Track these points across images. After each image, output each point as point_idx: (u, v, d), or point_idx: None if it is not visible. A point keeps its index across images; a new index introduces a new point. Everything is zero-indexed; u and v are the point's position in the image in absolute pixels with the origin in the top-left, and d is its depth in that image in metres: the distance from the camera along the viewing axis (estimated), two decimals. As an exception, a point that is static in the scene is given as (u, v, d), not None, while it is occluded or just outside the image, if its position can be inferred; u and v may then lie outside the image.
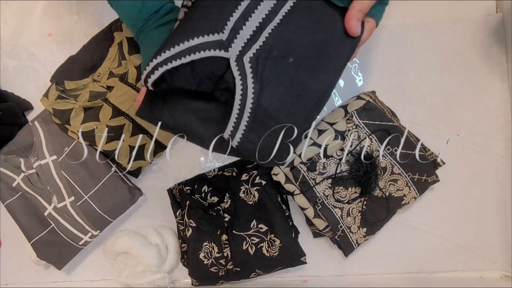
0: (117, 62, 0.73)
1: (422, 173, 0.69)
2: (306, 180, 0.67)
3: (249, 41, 0.45)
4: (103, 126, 0.70)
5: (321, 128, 0.71)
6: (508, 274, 0.74)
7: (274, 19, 0.46)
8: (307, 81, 0.47)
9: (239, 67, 0.45)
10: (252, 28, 0.45)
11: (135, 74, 0.72)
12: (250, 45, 0.45)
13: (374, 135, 0.69)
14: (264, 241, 0.69)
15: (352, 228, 0.68)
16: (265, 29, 0.46)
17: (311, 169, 0.68)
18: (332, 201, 0.68)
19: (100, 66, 0.73)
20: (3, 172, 0.72)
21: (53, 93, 0.70)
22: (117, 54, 0.73)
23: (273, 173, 0.70)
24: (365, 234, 0.69)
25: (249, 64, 0.45)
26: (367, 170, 0.67)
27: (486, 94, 0.76)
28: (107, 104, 0.71)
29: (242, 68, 0.45)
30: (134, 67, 0.72)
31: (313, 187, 0.67)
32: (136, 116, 0.51)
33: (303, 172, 0.67)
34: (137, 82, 0.72)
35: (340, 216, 0.68)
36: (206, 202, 0.69)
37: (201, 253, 0.70)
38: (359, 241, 0.69)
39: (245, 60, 0.45)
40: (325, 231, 0.70)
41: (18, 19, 0.81)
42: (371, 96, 0.72)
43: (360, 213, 0.69)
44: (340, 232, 0.68)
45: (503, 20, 0.76)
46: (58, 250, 0.72)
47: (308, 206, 0.69)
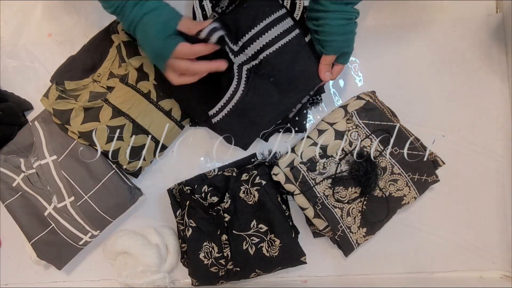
0: (118, 63, 0.73)
1: (422, 173, 0.69)
2: (306, 180, 0.67)
3: (249, 58, 0.64)
4: (103, 127, 0.70)
5: (321, 128, 0.71)
6: (508, 274, 0.74)
7: (271, 47, 0.63)
8: (278, 96, 0.65)
9: (238, 72, 0.63)
10: (254, 50, 0.63)
11: (136, 75, 0.72)
12: (250, 61, 0.64)
13: (374, 135, 0.69)
14: (264, 241, 0.70)
15: (352, 228, 0.68)
16: (262, 53, 0.63)
17: (311, 169, 0.68)
18: (332, 201, 0.68)
19: (100, 67, 0.73)
20: (3, 172, 0.72)
21: (53, 93, 0.70)
22: (117, 56, 0.73)
23: (273, 173, 0.70)
24: (365, 234, 0.69)
25: (245, 72, 0.64)
26: (367, 170, 0.67)
27: (486, 94, 0.76)
28: (107, 104, 0.71)
29: (240, 73, 0.63)
30: (134, 69, 0.72)
31: (313, 187, 0.67)
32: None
33: (303, 172, 0.67)
34: (137, 83, 0.72)
35: (340, 216, 0.68)
36: (206, 202, 0.69)
37: (201, 253, 0.70)
38: (359, 241, 0.69)
39: (243, 69, 0.64)
40: (325, 231, 0.70)
41: (18, 19, 0.81)
42: (371, 96, 0.72)
43: (360, 213, 0.69)
44: (340, 232, 0.68)
45: (503, 20, 0.76)
46: (58, 250, 0.72)
47: (308, 206, 0.69)
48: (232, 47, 0.63)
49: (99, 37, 0.74)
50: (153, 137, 0.72)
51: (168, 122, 0.73)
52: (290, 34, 0.64)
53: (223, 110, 0.64)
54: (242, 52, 0.64)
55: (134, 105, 0.71)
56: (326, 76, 0.66)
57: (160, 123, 0.72)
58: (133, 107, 0.71)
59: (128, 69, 0.72)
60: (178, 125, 0.74)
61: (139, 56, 0.72)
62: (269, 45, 0.63)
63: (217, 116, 0.64)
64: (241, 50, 0.64)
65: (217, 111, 0.64)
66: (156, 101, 0.72)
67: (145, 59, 0.72)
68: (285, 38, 0.64)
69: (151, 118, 0.72)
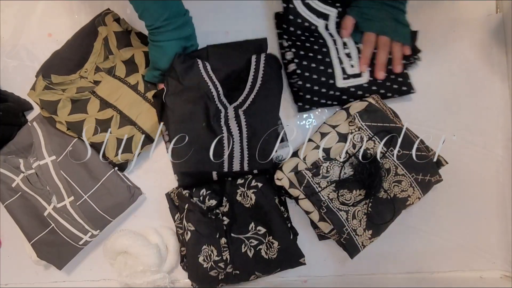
0: (103, 56, 0.73)
1: (426, 173, 0.69)
2: (311, 184, 0.67)
3: (238, 104, 0.72)
4: (92, 119, 0.70)
5: (324, 131, 0.71)
6: (508, 274, 0.74)
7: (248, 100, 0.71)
8: (258, 125, 0.70)
9: (236, 114, 0.71)
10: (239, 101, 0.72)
11: (124, 67, 0.72)
12: (239, 107, 0.71)
13: (377, 137, 0.69)
14: (262, 243, 0.69)
15: (357, 230, 0.68)
16: (245, 103, 0.71)
17: (315, 173, 0.67)
18: (337, 204, 0.68)
19: (87, 62, 0.73)
20: (2, 173, 0.72)
21: (40, 84, 0.70)
22: (102, 49, 0.73)
23: (277, 178, 0.69)
24: (370, 236, 0.69)
25: (236, 112, 0.71)
26: (371, 172, 0.66)
27: (486, 94, 0.76)
28: (94, 96, 0.71)
29: (236, 115, 0.71)
30: (121, 61, 0.72)
31: (318, 192, 0.67)
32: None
33: (308, 177, 0.67)
34: (126, 76, 0.72)
35: (346, 219, 0.67)
36: (205, 205, 0.69)
37: (200, 256, 0.70)
38: (364, 243, 0.69)
39: (238, 111, 0.71)
40: (330, 234, 0.70)
41: (18, 19, 0.81)
42: (373, 97, 0.72)
43: (365, 215, 0.68)
44: (346, 235, 0.67)
45: (503, 20, 0.76)
46: (58, 250, 0.72)
47: (313, 210, 0.68)
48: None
49: (83, 32, 0.75)
50: (140, 128, 0.72)
51: (156, 113, 0.73)
52: None
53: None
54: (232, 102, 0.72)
55: (121, 96, 0.71)
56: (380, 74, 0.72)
57: (148, 115, 0.72)
58: (120, 98, 0.71)
59: (115, 61, 0.73)
60: None
61: (130, 47, 0.72)
62: (248, 97, 0.72)
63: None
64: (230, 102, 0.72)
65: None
66: (144, 92, 0.73)
67: (136, 50, 0.73)
68: (252, 93, 0.71)
69: (139, 109, 0.72)
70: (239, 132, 0.69)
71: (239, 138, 0.69)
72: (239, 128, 0.69)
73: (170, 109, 0.69)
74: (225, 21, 0.79)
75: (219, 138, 0.69)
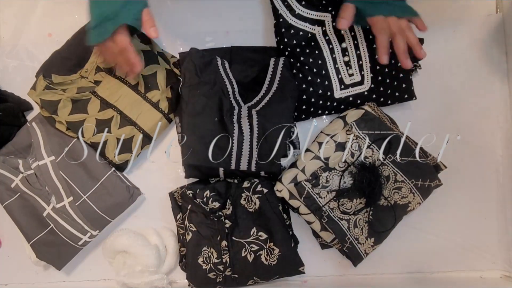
0: None
1: (425, 178, 0.69)
2: (311, 195, 0.67)
3: (253, 104, 0.72)
4: (92, 119, 0.71)
5: (321, 140, 0.70)
6: (508, 274, 0.74)
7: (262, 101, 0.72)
8: (270, 127, 0.70)
9: (248, 114, 0.71)
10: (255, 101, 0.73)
11: None
12: (253, 107, 0.72)
13: (375, 145, 0.68)
14: (263, 249, 0.69)
15: (360, 239, 0.68)
16: (260, 103, 0.72)
17: (315, 184, 0.67)
18: (338, 213, 0.67)
19: (87, 62, 0.73)
20: (1, 174, 0.72)
21: (41, 84, 0.70)
22: None
23: (277, 190, 0.69)
24: (373, 243, 0.69)
25: (249, 111, 0.72)
26: (370, 181, 0.66)
27: (486, 94, 0.76)
28: (95, 97, 0.71)
29: (249, 114, 0.71)
30: None
31: (319, 202, 0.67)
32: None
33: (307, 188, 0.67)
34: (126, 76, 0.72)
35: (347, 228, 0.67)
36: (208, 207, 0.69)
37: (200, 257, 0.70)
38: (367, 251, 0.68)
39: (251, 111, 0.72)
40: (333, 243, 0.70)
41: (18, 19, 0.81)
42: (369, 105, 0.71)
43: (367, 224, 0.68)
44: (348, 244, 0.67)
45: (503, 20, 0.76)
46: (57, 250, 0.72)
47: (314, 220, 0.68)
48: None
49: (84, 32, 0.74)
50: (141, 128, 0.72)
51: (156, 114, 0.73)
52: None
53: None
54: (244, 103, 0.73)
55: (121, 97, 0.71)
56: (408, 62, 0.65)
57: (148, 115, 0.72)
58: (120, 98, 0.71)
59: None
60: (166, 118, 0.74)
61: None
62: (263, 97, 0.72)
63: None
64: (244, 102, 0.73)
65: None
66: (144, 92, 0.73)
67: (137, 50, 0.73)
68: (268, 95, 0.72)
69: (139, 109, 0.72)
70: (250, 131, 0.70)
71: (250, 137, 0.69)
72: (251, 127, 0.70)
73: (184, 101, 0.70)
74: (225, 21, 0.79)
75: (229, 135, 0.69)
